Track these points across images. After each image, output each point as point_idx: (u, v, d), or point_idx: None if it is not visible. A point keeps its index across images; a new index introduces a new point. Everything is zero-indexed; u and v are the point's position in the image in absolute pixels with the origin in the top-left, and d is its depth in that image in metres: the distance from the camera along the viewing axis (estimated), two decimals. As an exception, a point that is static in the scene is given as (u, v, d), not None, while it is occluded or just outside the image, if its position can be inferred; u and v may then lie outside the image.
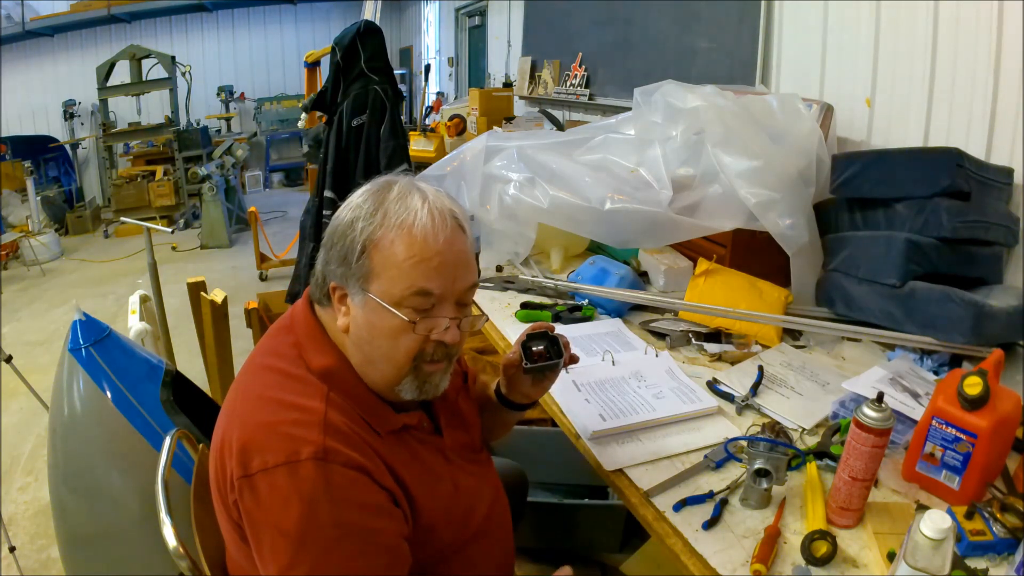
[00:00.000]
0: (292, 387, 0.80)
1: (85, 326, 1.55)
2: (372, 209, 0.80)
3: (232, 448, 0.76)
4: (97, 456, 1.52)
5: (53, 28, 7.84)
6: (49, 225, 6.64)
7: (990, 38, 1.45)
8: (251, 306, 2.63)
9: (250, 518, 0.75)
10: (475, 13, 6.56)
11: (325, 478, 0.72)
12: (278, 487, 0.72)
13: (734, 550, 0.88)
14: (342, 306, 0.83)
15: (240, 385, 0.85)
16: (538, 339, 1.01)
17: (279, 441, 0.73)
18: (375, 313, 0.79)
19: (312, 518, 0.71)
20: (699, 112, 1.70)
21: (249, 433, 0.76)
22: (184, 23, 8.86)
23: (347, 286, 0.81)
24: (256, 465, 0.73)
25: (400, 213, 0.79)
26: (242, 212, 6.65)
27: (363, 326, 0.81)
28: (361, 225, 0.79)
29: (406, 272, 0.78)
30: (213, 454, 0.82)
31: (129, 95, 7.20)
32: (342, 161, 2.92)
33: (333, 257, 0.81)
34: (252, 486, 0.73)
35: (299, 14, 9.52)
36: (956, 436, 0.92)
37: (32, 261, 5.62)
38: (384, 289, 0.78)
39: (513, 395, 1.07)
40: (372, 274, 0.79)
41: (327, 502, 0.72)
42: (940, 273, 1.34)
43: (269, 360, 0.84)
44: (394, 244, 0.78)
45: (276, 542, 0.72)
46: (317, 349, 0.83)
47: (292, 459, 0.72)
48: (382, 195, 0.81)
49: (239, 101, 9.17)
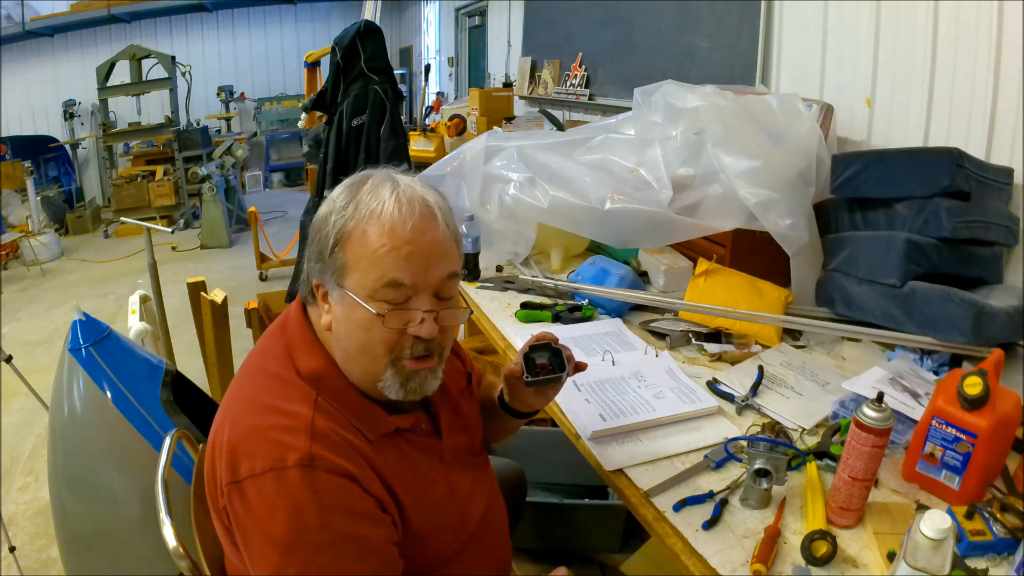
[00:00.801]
0: (281, 391, 0.79)
1: (85, 326, 1.55)
2: (345, 202, 0.79)
3: (222, 451, 0.76)
4: (97, 456, 1.52)
5: (53, 28, 7.84)
6: (49, 225, 6.64)
7: (990, 38, 1.45)
8: (251, 306, 2.63)
9: (239, 523, 0.74)
10: (475, 13, 6.56)
11: (311, 485, 0.71)
12: (265, 494, 0.72)
13: (734, 550, 0.88)
14: (325, 303, 0.82)
15: (235, 387, 0.85)
16: (541, 350, 0.99)
17: (266, 447, 0.73)
18: (351, 307, 0.78)
19: (299, 524, 0.71)
20: (699, 112, 1.70)
21: (238, 437, 0.76)
22: (184, 23, 8.86)
23: (325, 282, 0.81)
24: (244, 471, 0.73)
25: (370, 204, 0.78)
26: (242, 212, 6.66)
27: (341, 321, 0.80)
28: (334, 219, 0.79)
29: (376, 263, 0.77)
30: (207, 456, 0.82)
31: (129, 95, 7.20)
32: (342, 161, 2.92)
33: (312, 254, 0.81)
34: (241, 492, 0.73)
35: (299, 14, 9.53)
36: (956, 436, 0.92)
37: (32, 261, 5.62)
38: (357, 282, 0.78)
39: (515, 404, 1.06)
40: (346, 268, 0.78)
41: (314, 508, 0.71)
42: (940, 273, 1.34)
43: (262, 362, 0.84)
44: (364, 235, 0.77)
45: (264, 549, 0.72)
46: (306, 351, 0.83)
47: (278, 466, 0.72)
48: (356, 188, 0.81)
49: (239, 101, 9.17)
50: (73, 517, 1.56)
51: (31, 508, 2.37)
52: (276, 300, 3.15)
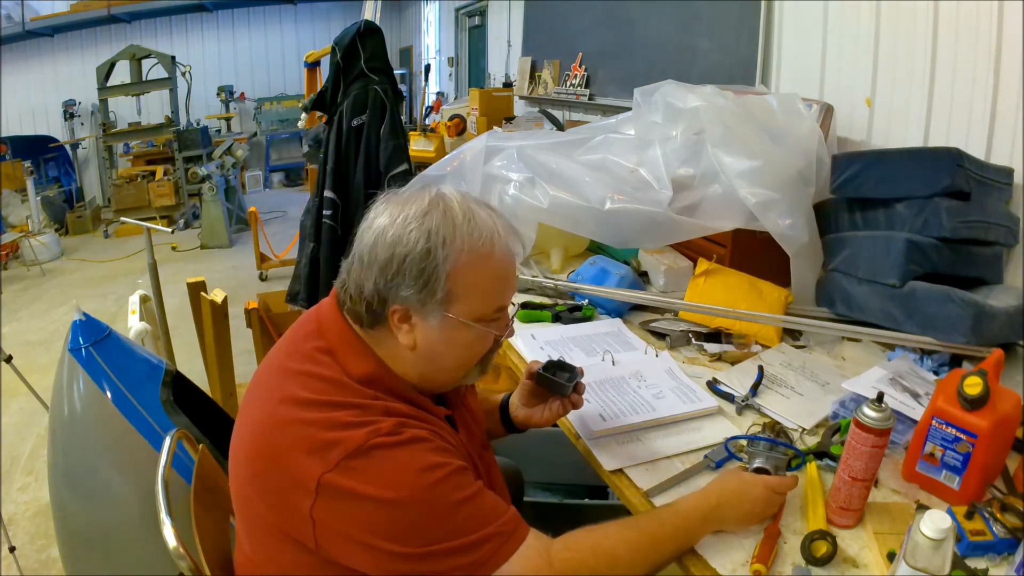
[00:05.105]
0: (337, 391, 0.80)
1: (85, 326, 1.55)
2: (447, 236, 0.80)
3: (290, 454, 0.75)
4: (97, 456, 1.52)
5: (53, 28, 7.84)
6: (49, 225, 6.64)
7: (990, 38, 1.45)
8: (251, 306, 2.64)
9: (351, 508, 0.73)
10: (475, 13, 6.56)
11: (411, 440, 0.76)
12: (373, 465, 0.73)
13: (734, 550, 0.88)
14: (403, 325, 0.83)
15: (269, 391, 0.83)
16: (564, 369, 1.08)
17: (350, 430, 0.74)
18: (457, 329, 0.83)
19: (415, 475, 0.74)
20: (699, 112, 1.70)
21: (311, 433, 0.75)
22: (184, 23, 8.86)
23: (422, 310, 0.82)
24: (336, 455, 0.73)
25: (477, 237, 0.81)
26: (242, 212, 6.66)
27: (440, 342, 0.83)
28: (443, 253, 0.79)
29: (491, 293, 0.84)
30: (248, 463, 0.80)
31: (129, 95, 7.20)
32: (342, 161, 2.92)
33: (402, 283, 0.80)
34: (347, 474, 0.73)
35: (299, 14, 9.53)
36: (956, 436, 0.92)
37: (32, 261, 5.62)
38: (468, 309, 0.83)
39: (517, 412, 1.14)
40: (455, 297, 0.81)
41: (422, 456, 0.75)
42: (940, 273, 1.34)
43: (301, 366, 0.83)
44: (477, 269, 0.82)
45: (390, 515, 0.73)
46: (356, 356, 0.83)
47: (372, 436, 0.74)
48: (447, 218, 0.81)
49: (239, 101, 9.17)
50: (73, 517, 1.56)
51: (31, 508, 2.38)
52: (276, 300, 3.14)
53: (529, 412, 1.13)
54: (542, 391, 1.10)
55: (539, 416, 1.11)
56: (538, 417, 1.11)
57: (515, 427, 1.16)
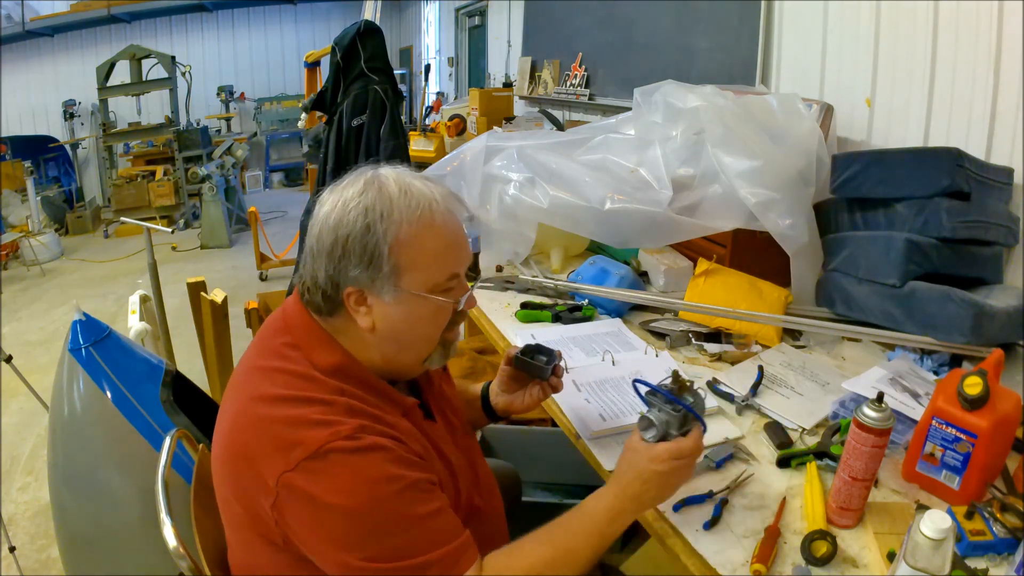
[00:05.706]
0: (304, 385, 0.80)
1: (85, 326, 1.55)
2: (384, 211, 0.80)
3: (258, 452, 0.76)
4: (97, 456, 1.52)
5: (53, 28, 7.84)
6: (49, 225, 6.64)
7: (990, 38, 1.45)
8: (251, 306, 2.64)
9: (304, 509, 0.74)
10: (475, 13, 6.56)
11: (370, 447, 0.75)
12: (330, 469, 0.73)
13: (734, 550, 0.88)
14: (360, 307, 0.83)
15: (242, 390, 0.84)
16: (543, 353, 1.06)
17: (314, 430, 0.74)
18: (412, 303, 0.83)
19: (369, 487, 0.73)
20: (699, 112, 1.70)
21: (277, 431, 0.76)
22: (184, 23, 8.86)
23: (372, 287, 0.82)
24: (297, 456, 0.73)
25: (415, 207, 0.81)
26: (242, 212, 6.66)
27: (399, 319, 0.83)
28: (382, 227, 0.80)
29: (439, 260, 0.84)
30: (225, 463, 0.81)
31: (129, 95, 7.20)
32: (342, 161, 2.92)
33: (349, 264, 0.81)
34: (304, 476, 0.73)
35: (299, 14, 9.52)
36: (956, 436, 0.92)
37: (32, 261, 5.62)
38: (420, 280, 0.82)
39: (497, 399, 1.13)
40: (402, 270, 0.81)
41: (378, 467, 0.75)
42: (940, 273, 1.34)
43: (270, 363, 0.84)
44: (420, 238, 0.82)
45: (344, 518, 0.73)
46: (322, 348, 0.84)
47: (332, 439, 0.74)
48: (382, 194, 0.82)
49: (239, 101, 9.16)
50: (73, 517, 1.56)
51: (31, 508, 2.38)
52: (276, 300, 3.14)
53: (510, 398, 1.11)
54: (522, 376, 1.09)
55: (520, 402, 1.10)
56: (519, 403, 1.10)
57: (497, 415, 1.15)
